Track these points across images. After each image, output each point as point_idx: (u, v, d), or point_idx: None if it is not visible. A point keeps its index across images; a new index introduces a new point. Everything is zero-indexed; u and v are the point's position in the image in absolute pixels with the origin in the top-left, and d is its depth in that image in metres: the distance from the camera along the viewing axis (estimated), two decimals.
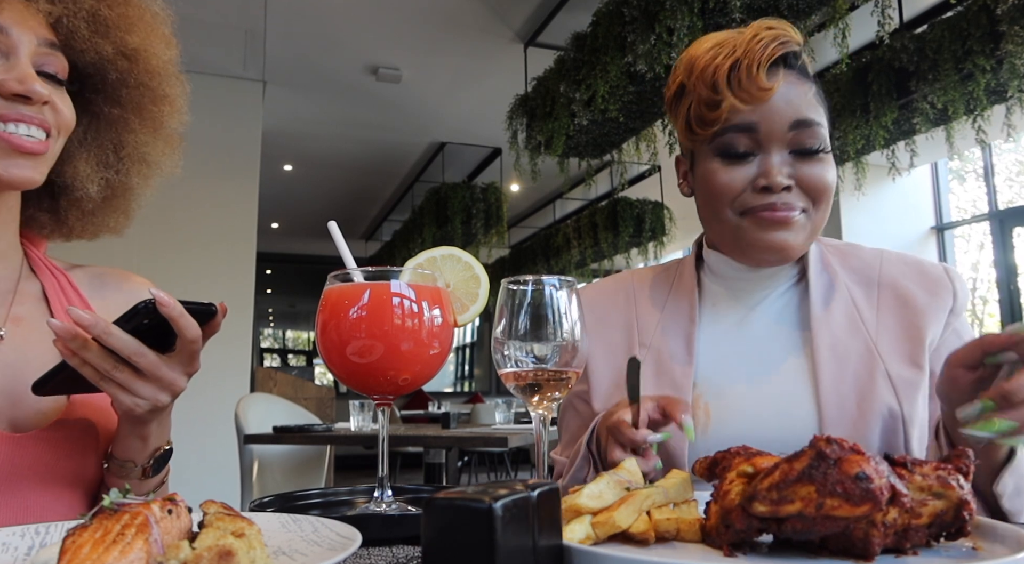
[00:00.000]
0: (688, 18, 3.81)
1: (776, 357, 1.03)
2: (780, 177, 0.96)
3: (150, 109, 1.00)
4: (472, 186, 7.66)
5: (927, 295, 1.04)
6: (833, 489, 0.50)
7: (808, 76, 1.00)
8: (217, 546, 0.46)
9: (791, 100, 0.97)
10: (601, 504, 0.61)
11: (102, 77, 0.95)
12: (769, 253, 1.01)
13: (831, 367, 0.99)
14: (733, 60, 0.96)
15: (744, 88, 0.95)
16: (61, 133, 0.90)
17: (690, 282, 1.12)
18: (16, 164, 0.84)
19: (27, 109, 0.83)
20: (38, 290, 0.98)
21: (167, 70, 1.00)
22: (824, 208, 1.00)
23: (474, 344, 14.70)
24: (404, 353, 0.77)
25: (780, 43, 0.97)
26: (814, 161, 0.98)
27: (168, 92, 1.02)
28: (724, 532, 0.56)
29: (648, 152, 5.19)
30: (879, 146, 4.75)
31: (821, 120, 0.98)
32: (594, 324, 1.13)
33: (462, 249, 0.88)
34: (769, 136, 0.97)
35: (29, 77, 0.82)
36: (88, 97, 0.97)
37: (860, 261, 1.10)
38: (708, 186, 1.02)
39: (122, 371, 0.76)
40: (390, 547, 0.71)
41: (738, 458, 0.61)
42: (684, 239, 9.39)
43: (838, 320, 1.03)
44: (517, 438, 3.15)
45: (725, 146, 0.99)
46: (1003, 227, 7.22)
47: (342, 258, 0.88)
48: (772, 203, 0.97)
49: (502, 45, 5.94)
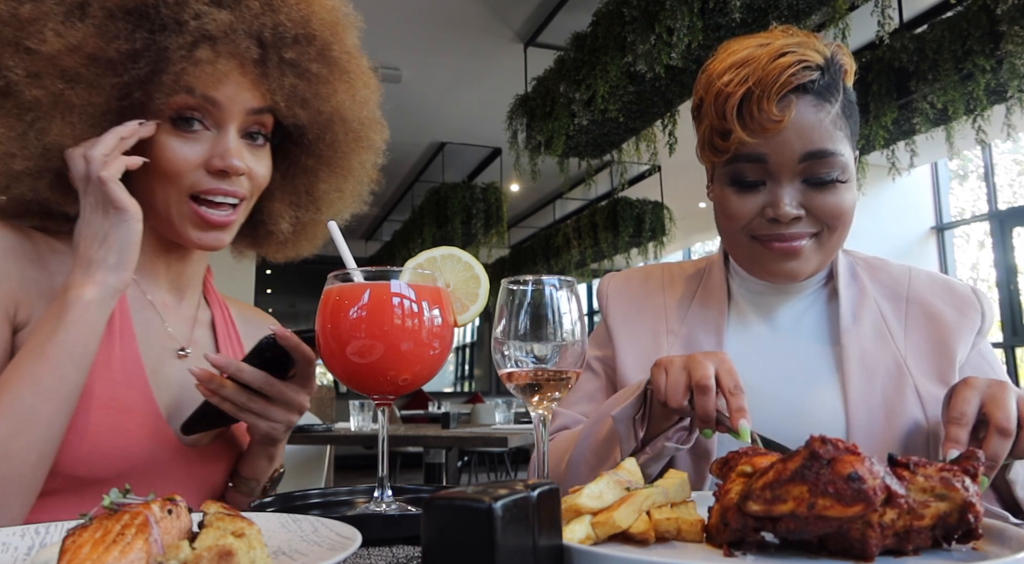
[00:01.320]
0: (688, 18, 3.80)
1: (803, 364, 1.03)
2: (788, 208, 0.95)
3: (342, 162, 1.08)
4: (472, 186, 7.66)
5: (956, 314, 1.04)
6: (825, 489, 0.50)
7: (830, 96, 0.95)
8: (217, 546, 0.46)
9: (803, 131, 0.93)
10: (601, 504, 0.61)
11: (300, 134, 1.03)
12: (778, 278, 1.02)
13: (860, 379, 0.98)
14: (745, 89, 0.93)
15: (755, 120, 0.93)
16: (253, 195, 0.99)
17: (720, 279, 1.12)
18: (207, 235, 0.96)
19: (225, 184, 0.93)
20: (208, 319, 1.12)
21: (364, 123, 1.06)
22: (840, 232, 0.99)
23: (474, 344, 14.70)
24: (404, 353, 0.77)
25: (796, 71, 0.92)
26: (828, 190, 0.96)
27: (363, 143, 1.08)
28: (723, 530, 0.56)
29: (648, 152, 5.19)
30: (879, 146, 4.76)
31: (837, 148, 0.94)
32: (624, 303, 1.17)
33: (462, 249, 0.88)
34: (779, 168, 0.95)
35: (231, 152, 0.92)
36: (287, 147, 1.05)
37: (889, 276, 1.10)
38: (722, 209, 1.02)
39: (256, 401, 0.89)
40: (390, 547, 0.71)
41: (744, 458, 0.61)
42: (684, 239, 9.40)
43: (867, 333, 1.03)
44: (517, 438, 3.15)
45: (736, 174, 0.98)
46: (1003, 227, 7.22)
47: (342, 258, 0.88)
48: (780, 234, 0.97)
49: (502, 45, 5.94)
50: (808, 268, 1.00)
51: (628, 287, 1.20)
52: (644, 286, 1.19)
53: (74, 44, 0.83)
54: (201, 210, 0.93)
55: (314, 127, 1.01)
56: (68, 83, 0.84)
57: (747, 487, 0.54)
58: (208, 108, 0.91)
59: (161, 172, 0.91)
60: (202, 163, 0.92)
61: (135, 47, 0.85)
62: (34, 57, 0.83)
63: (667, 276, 1.20)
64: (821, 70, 0.95)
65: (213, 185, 0.93)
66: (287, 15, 0.92)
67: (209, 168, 0.92)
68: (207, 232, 0.95)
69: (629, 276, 1.22)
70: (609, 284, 1.21)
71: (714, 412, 0.83)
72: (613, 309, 1.18)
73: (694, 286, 1.16)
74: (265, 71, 0.93)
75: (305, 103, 0.97)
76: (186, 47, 0.86)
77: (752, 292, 1.10)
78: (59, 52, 0.83)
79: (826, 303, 1.08)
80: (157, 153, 0.90)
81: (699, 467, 1.00)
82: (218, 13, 0.87)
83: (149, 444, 0.93)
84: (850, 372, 0.99)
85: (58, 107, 0.85)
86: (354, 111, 1.03)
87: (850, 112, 0.99)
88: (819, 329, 1.06)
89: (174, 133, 0.91)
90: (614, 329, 1.15)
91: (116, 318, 0.93)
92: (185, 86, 0.88)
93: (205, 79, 0.89)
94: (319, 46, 0.97)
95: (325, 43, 0.97)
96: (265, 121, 0.97)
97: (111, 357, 0.91)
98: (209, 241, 0.96)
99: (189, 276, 1.08)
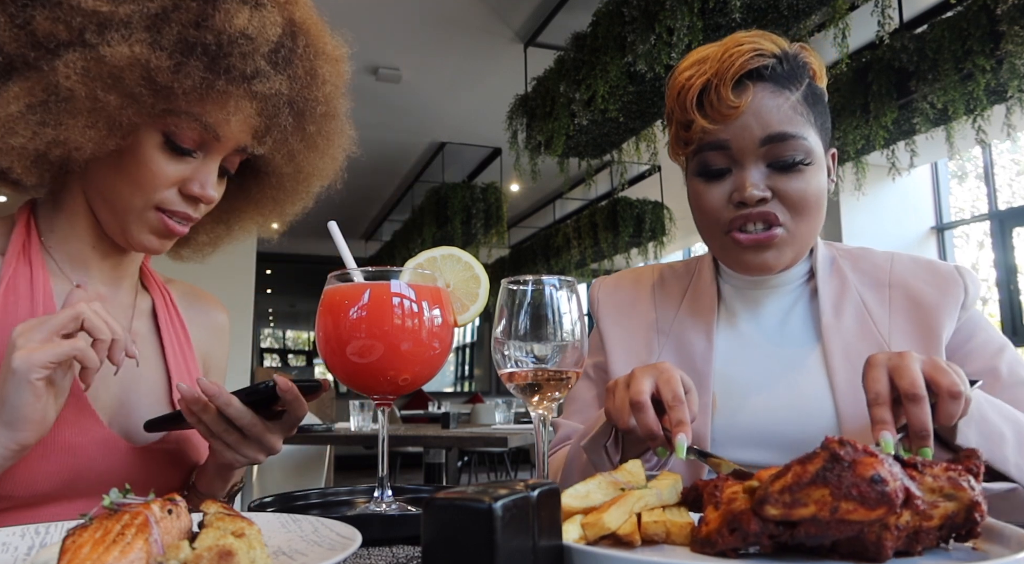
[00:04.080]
0: (688, 18, 3.81)
1: (792, 360, 1.04)
2: (753, 191, 0.96)
3: (285, 202, 1.10)
4: (472, 186, 7.65)
5: (938, 292, 1.03)
6: (848, 492, 0.49)
7: (789, 84, 0.98)
8: (217, 546, 0.46)
9: (762, 114, 0.95)
10: (586, 503, 0.60)
11: (266, 175, 1.05)
12: (753, 270, 1.03)
13: (845, 372, 0.99)
14: (704, 80, 0.97)
15: (714, 108, 0.96)
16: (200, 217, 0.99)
17: (709, 277, 1.13)
18: (158, 242, 0.96)
19: (190, 208, 0.94)
20: (149, 306, 1.09)
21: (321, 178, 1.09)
22: (809, 219, 0.99)
23: (474, 344, 14.70)
24: (404, 353, 0.77)
25: (750, 58, 0.96)
26: (792, 174, 0.97)
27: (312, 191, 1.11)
28: (728, 537, 0.54)
29: (648, 152, 5.19)
30: (879, 146, 4.75)
31: (798, 131, 0.96)
32: (615, 307, 1.17)
33: (462, 249, 0.88)
34: (741, 152, 0.97)
35: (211, 183, 0.93)
36: (243, 175, 1.05)
37: (871, 264, 1.10)
38: (695, 204, 1.04)
39: (231, 434, 0.87)
40: (390, 547, 0.71)
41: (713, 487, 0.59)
42: (684, 239, 9.40)
43: (849, 326, 1.03)
44: (517, 438, 3.15)
45: (702, 164, 1.00)
46: (1003, 227, 7.22)
47: (342, 258, 0.88)
48: (748, 215, 0.97)
49: (502, 45, 5.94)
50: (782, 259, 1.01)
51: (618, 291, 1.20)
52: (634, 288, 1.19)
53: (141, 62, 0.81)
54: (168, 221, 0.93)
55: (281, 175, 1.04)
56: (115, 93, 0.82)
57: (761, 491, 0.53)
58: (210, 141, 0.90)
59: (135, 180, 0.89)
60: (178, 182, 0.91)
61: (195, 83, 0.83)
62: (92, 55, 0.81)
63: (657, 277, 1.20)
64: (777, 58, 0.98)
65: (181, 208, 0.92)
66: (322, 90, 0.94)
67: (184, 190, 0.91)
68: (159, 239, 0.95)
69: (619, 279, 1.23)
70: (600, 289, 1.22)
71: (656, 428, 0.79)
72: (604, 314, 1.18)
73: (684, 285, 1.16)
74: (282, 133, 0.94)
75: (294, 162, 1.00)
76: (233, 97, 0.86)
77: (738, 288, 1.11)
78: (122, 63, 0.81)
79: (810, 299, 1.09)
80: (139, 163, 0.88)
81: (694, 464, 0.99)
82: (274, 77, 0.87)
83: (94, 453, 0.90)
84: (835, 366, 0.99)
85: (90, 108, 0.83)
86: (324, 171, 1.07)
87: (814, 102, 1.00)
88: (805, 325, 1.07)
89: (163, 150, 0.89)
90: (605, 334, 1.16)
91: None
92: (204, 119, 0.87)
93: (223, 118, 0.88)
94: (332, 121, 1.00)
95: (335, 116, 1.01)
96: (241, 157, 0.97)
97: None
98: (156, 246, 0.96)
99: (126, 265, 1.04)
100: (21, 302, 0.90)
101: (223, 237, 1.14)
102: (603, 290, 1.21)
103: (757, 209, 0.97)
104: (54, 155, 0.86)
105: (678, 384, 0.81)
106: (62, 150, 0.85)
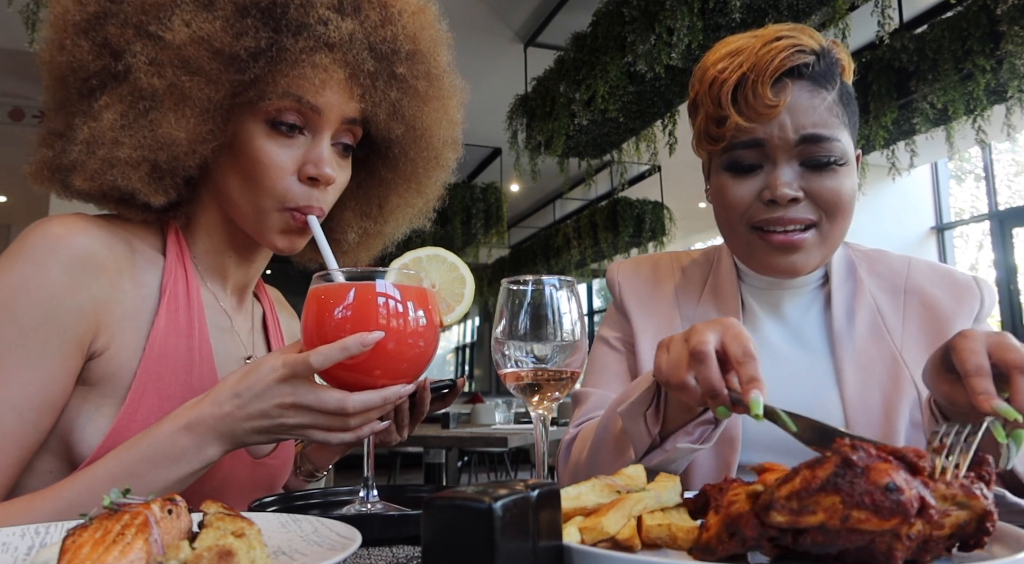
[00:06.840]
0: (688, 18, 3.81)
1: (806, 365, 1.03)
2: (786, 190, 0.93)
3: (418, 178, 1.08)
4: (472, 186, 7.65)
5: (953, 301, 1.03)
6: (860, 500, 0.46)
7: (826, 82, 0.95)
8: (217, 546, 0.46)
9: (800, 114, 0.93)
10: (578, 505, 0.59)
11: (387, 147, 1.02)
12: (779, 273, 1.01)
13: (855, 379, 0.98)
14: (740, 75, 0.94)
15: (750, 105, 0.93)
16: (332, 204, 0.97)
17: (730, 277, 1.11)
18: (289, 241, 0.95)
19: (318, 198, 0.92)
20: (260, 317, 1.14)
21: (446, 143, 1.07)
22: (840, 220, 0.97)
23: (474, 344, 14.67)
24: (390, 353, 0.76)
25: (790, 54, 0.93)
26: (826, 173, 0.95)
27: (441, 161, 1.09)
28: (727, 542, 0.52)
29: (648, 152, 5.19)
30: (879, 146, 4.76)
31: (834, 133, 0.94)
32: (639, 287, 1.16)
33: (459, 249, 0.88)
34: (776, 150, 0.94)
35: (324, 160, 0.90)
36: (368, 158, 1.05)
37: (887, 268, 1.09)
38: (719, 199, 1.02)
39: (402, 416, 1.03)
40: (390, 547, 0.71)
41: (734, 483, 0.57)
42: (684, 239, 9.40)
43: (862, 332, 1.02)
44: (517, 438, 3.15)
45: (733, 161, 0.98)
46: (1003, 227, 7.22)
47: (323, 258, 0.88)
48: (779, 217, 0.95)
49: (502, 45, 5.94)
50: (810, 262, 0.99)
51: (639, 273, 1.19)
52: (654, 273, 1.18)
53: (201, 36, 0.81)
54: (295, 215, 0.91)
55: (402, 142, 1.00)
56: (189, 75, 0.82)
57: (767, 495, 0.50)
58: (309, 114, 0.89)
59: (254, 178, 0.89)
60: (294, 169, 0.90)
61: (260, 46, 0.82)
62: (158, 44, 0.81)
63: (676, 263, 1.19)
64: (816, 55, 0.95)
65: (306, 200, 0.90)
66: (403, 28, 0.91)
67: (300, 175, 0.90)
68: (288, 236, 0.94)
69: (638, 263, 1.22)
70: (619, 270, 1.21)
71: (719, 384, 0.70)
72: (628, 292, 1.17)
73: (704, 274, 1.15)
74: (373, 83, 0.91)
75: (403, 118, 0.96)
76: (306, 51, 0.84)
77: (758, 289, 1.09)
78: (185, 43, 0.80)
79: (825, 302, 1.07)
80: (253, 158, 0.88)
81: (724, 457, 0.98)
82: (341, 21, 0.86)
83: (225, 464, 0.91)
84: (845, 372, 0.99)
85: (175, 98, 0.82)
86: (442, 130, 1.03)
87: (848, 102, 0.98)
88: (819, 330, 1.06)
89: (269, 136, 0.88)
90: (631, 311, 1.14)
91: (195, 330, 0.92)
92: (295, 91, 0.86)
93: (314, 85, 0.86)
94: (425, 62, 0.97)
95: (430, 59, 0.98)
96: (356, 131, 0.95)
97: (191, 375, 0.89)
98: (288, 246, 0.95)
99: (252, 275, 1.07)
100: (180, 310, 0.92)
101: (373, 233, 1.12)
102: (622, 272, 1.20)
103: (790, 212, 0.95)
104: (163, 160, 0.85)
105: (748, 340, 0.71)
106: (167, 153, 0.84)
